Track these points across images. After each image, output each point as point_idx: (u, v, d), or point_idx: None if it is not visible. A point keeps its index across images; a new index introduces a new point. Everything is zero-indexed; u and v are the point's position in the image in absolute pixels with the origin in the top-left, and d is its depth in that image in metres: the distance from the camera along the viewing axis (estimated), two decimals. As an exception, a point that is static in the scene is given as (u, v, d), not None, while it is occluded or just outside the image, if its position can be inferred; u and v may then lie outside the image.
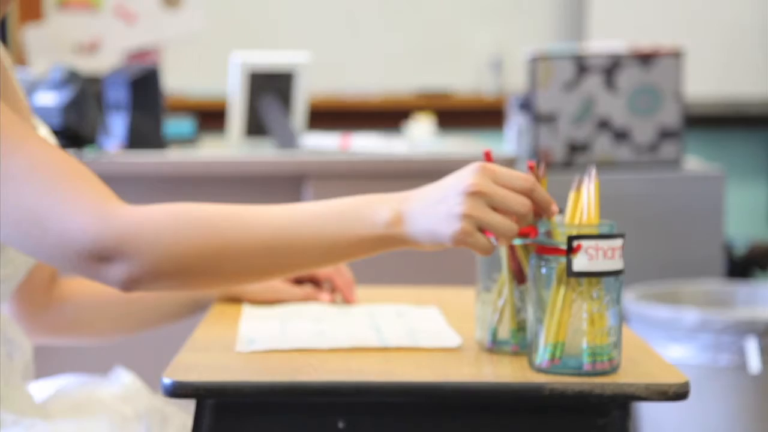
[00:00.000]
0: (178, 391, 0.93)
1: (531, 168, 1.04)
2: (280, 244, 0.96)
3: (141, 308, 1.29)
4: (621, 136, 2.43)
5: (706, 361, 2.01)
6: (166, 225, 0.96)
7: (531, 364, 0.98)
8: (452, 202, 0.93)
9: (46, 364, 1.30)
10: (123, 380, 1.28)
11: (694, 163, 2.59)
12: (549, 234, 0.97)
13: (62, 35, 2.69)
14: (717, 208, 2.38)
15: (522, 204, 0.94)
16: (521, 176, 0.94)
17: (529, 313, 0.99)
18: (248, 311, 1.22)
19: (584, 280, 0.95)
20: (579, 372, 0.95)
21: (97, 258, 0.95)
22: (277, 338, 1.08)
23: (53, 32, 2.69)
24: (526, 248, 1.04)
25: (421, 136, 2.68)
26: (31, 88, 2.10)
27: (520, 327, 1.04)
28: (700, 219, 2.38)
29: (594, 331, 0.95)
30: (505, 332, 1.05)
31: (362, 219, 0.96)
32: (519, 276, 1.05)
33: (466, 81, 3.58)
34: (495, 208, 0.94)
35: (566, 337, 0.96)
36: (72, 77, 2.11)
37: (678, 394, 0.91)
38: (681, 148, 2.46)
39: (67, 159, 0.99)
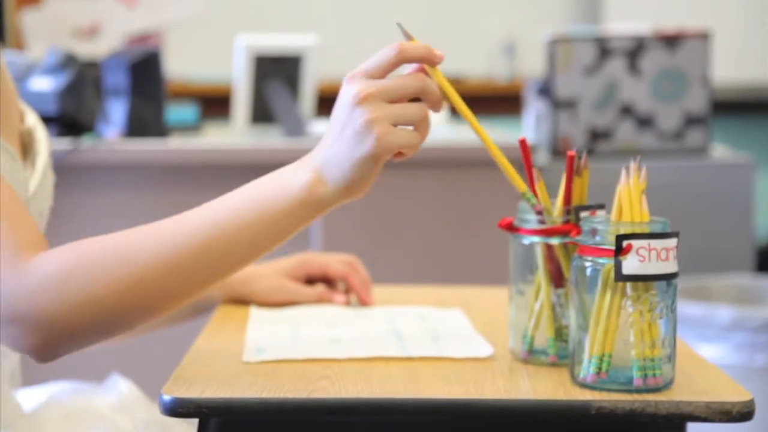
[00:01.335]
0: (178, 408, 0.83)
1: (571, 158, 0.93)
2: (202, 252, 0.86)
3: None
4: (645, 122, 2.32)
5: (740, 362, 1.91)
6: (70, 272, 0.86)
7: (573, 378, 0.88)
8: (352, 120, 0.85)
9: (35, 370, 1.21)
10: (120, 388, 1.18)
11: (721, 151, 2.48)
12: (594, 232, 0.87)
13: (61, 19, 2.60)
14: (746, 199, 2.27)
15: (413, 86, 0.87)
16: (386, 56, 0.87)
17: (571, 321, 0.88)
18: (256, 314, 1.12)
19: (634, 285, 0.85)
20: (628, 388, 0.85)
21: (8, 322, 0.85)
22: (288, 346, 0.98)
23: (51, 16, 2.60)
24: (565, 247, 0.94)
25: (433, 123, 2.57)
26: (26, 72, 2.01)
27: (559, 335, 0.94)
28: (729, 210, 2.27)
29: (645, 343, 0.85)
30: (541, 341, 0.94)
31: (279, 192, 0.87)
32: (557, 278, 0.94)
33: (477, 66, 3.47)
34: (392, 101, 0.86)
35: (613, 348, 0.86)
36: (69, 61, 2.02)
37: (742, 413, 0.81)
38: (708, 135, 2.35)
39: None
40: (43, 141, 1.11)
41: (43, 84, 1.99)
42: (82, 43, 2.50)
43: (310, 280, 1.21)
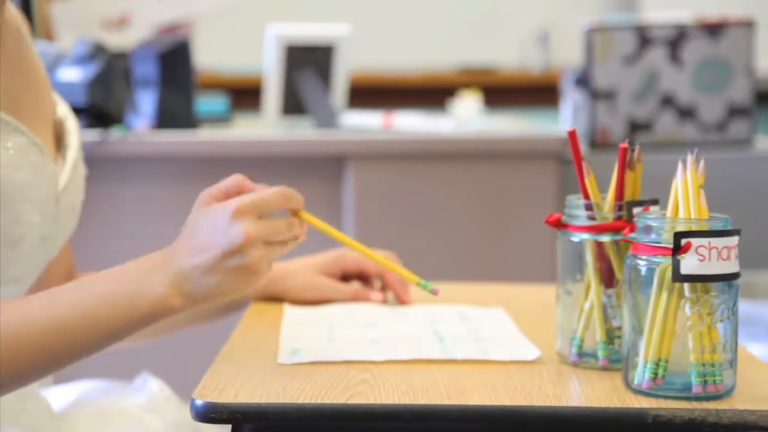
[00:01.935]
0: (211, 414, 0.79)
1: (623, 150, 0.88)
2: (50, 348, 0.87)
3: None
4: (686, 113, 2.26)
5: (789, 362, 1.84)
6: None
7: (627, 384, 0.83)
8: (235, 260, 0.87)
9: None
10: (150, 388, 1.14)
11: (765, 142, 2.41)
12: (650, 229, 0.82)
13: (90, 9, 2.58)
14: (791, 192, 2.20)
15: (290, 225, 0.91)
16: (276, 197, 0.90)
17: (625, 323, 0.84)
18: (290, 313, 1.08)
19: (693, 286, 0.80)
20: (687, 395, 0.80)
21: None
22: (324, 347, 0.94)
23: (81, 6, 2.58)
24: (616, 245, 0.89)
25: (467, 115, 2.53)
26: (55, 63, 1.98)
27: (610, 337, 0.89)
28: (773, 203, 2.21)
29: (704, 347, 0.80)
30: (591, 343, 0.90)
31: (132, 302, 0.88)
32: (607, 278, 0.90)
33: (510, 56, 3.42)
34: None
35: (670, 352, 0.81)
36: (98, 51, 1.99)
37: (811, 424, 0.76)
38: (752, 126, 2.28)
39: None
40: (74, 132, 1.07)
41: (72, 74, 1.96)
42: (111, 34, 2.48)
43: (345, 277, 1.17)
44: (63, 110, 1.09)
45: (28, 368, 0.88)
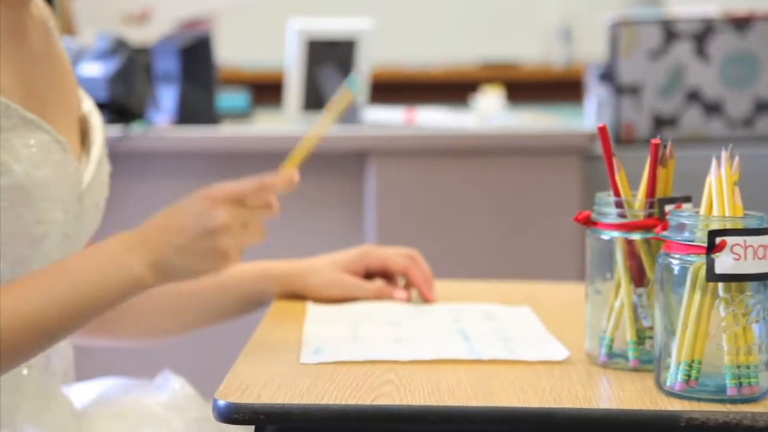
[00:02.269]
0: (234, 414, 0.78)
1: (655, 146, 0.86)
2: (38, 321, 0.91)
3: (191, 305, 1.14)
4: (712, 109, 2.23)
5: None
6: None
7: (659, 385, 0.81)
8: (207, 242, 0.92)
9: (86, 365, 1.17)
10: (172, 386, 1.13)
11: (793, 138, 2.38)
12: (683, 227, 0.80)
13: (111, 4, 2.57)
14: (820, 188, 2.17)
15: (266, 214, 0.95)
16: (254, 187, 0.94)
17: (656, 323, 0.82)
18: (313, 311, 1.06)
19: (727, 286, 0.78)
20: (721, 398, 0.78)
21: None
22: (347, 347, 0.92)
23: (102, 1, 2.57)
24: (647, 243, 0.87)
25: (489, 110, 2.50)
26: (76, 58, 1.97)
27: (640, 337, 0.87)
28: (802, 200, 2.17)
29: (739, 348, 0.78)
30: (621, 343, 0.88)
31: (111, 279, 0.93)
32: (638, 277, 0.88)
33: (533, 51, 3.39)
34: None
35: (704, 353, 0.79)
36: (119, 46, 1.98)
37: None
38: (779, 122, 2.25)
39: None
40: (98, 129, 1.06)
41: (93, 70, 1.95)
42: (132, 29, 2.47)
43: (369, 275, 1.15)
44: (88, 106, 1.08)
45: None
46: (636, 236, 0.87)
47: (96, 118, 1.07)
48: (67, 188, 0.97)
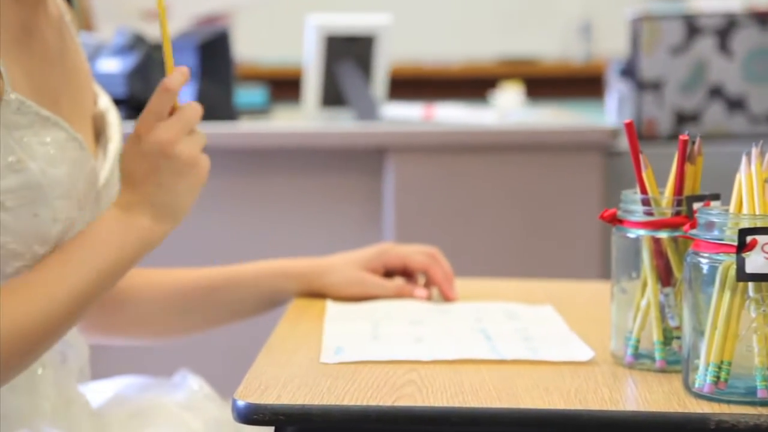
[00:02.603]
0: (253, 415, 0.76)
1: (684, 142, 0.84)
2: (68, 308, 0.91)
3: (209, 304, 1.13)
4: (735, 105, 2.20)
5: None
6: None
7: (687, 387, 0.79)
8: (171, 162, 0.94)
9: (102, 363, 1.16)
10: (189, 385, 1.12)
11: (817, 135, 2.35)
12: (712, 225, 0.78)
13: (130, 0, 2.56)
14: None
15: (193, 109, 0.98)
16: (157, 97, 0.96)
17: (685, 323, 0.80)
18: (333, 310, 1.05)
19: (758, 285, 0.76)
20: (751, 400, 0.76)
21: None
22: (368, 346, 0.91)
23: (120, -3, 2.57)
24: (674, 242, 0.85)
25: (509, 106, 2.49)
26: (94, 53, 1.96)
27: (667, 338, 0.85)
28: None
29: (770, 349, 0.76)
30: (647, 343, 0.86)
31: (123, 241, 0.94)
32: (665, 276, 0.86)
33: (551, 47, 3.37)
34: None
35: (733, 355, 0.77)
36: (137, 42, 1.97)
37: None
38: (803, 118, 2.22)
39: None
40: (116, 125, 1.05)
41: (111, 65, 1.95)
42: (150, 25, 2.46)
43: (388, 273, 1.14)
44: (104, 102, 1.07)
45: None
46: (663, 234, 0.85)
47: (113, 115, 1.06)
48: (83, 186, 0.96)
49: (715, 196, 0.85)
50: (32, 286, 0.91)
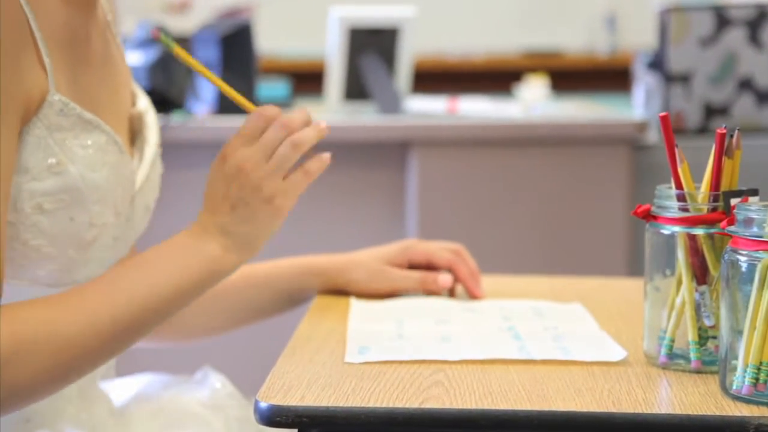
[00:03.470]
0: (276, 417, 0.74)
1: (721, 136, 0.82)
2: (126, 328, 0.89)
3: (231, 304, 1.11)
4: (765, 97, 2.16)
5: None
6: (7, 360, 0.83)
7: (724, 389, 0.76)
8: (246, 192, 0.92)
9: (124, 361, 1.14)
10: (212, 383, 1.10)
11: None
12: (751, 222, 0.75)
13: (151, -6, 2.56)
14: None
15: (279, 138, 0.95)
16: (249, 121, 0.95)
17: (722, 323, 0.77)
18: (357, 307, 1.03)
19: (800, 284, 0.73)
20: (792, 403, 0.73)
21: None
22: (393, 345, 0.89)
23: (142, -9, 2.56)
24: (711, 238, 0.82)
25: (534, 99, 2.46)
26: (115, 47, 1.95)
27: (703, 337, 0.83)
28: None
29: (811, 350, 0.73)
30: (681, 343, 0.83)
31: (193, 268, 0.91)
32: (700, 274, 0.83)
33: (577, 40, 3.33)
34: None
35: (773, 356, 0.74)
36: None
37: None
38: (835, 110, 2.18)
39: None
40: (153, 127, 1.03)
41: (133, 59, 1.93)
42: (172, 18, 2.45)
43: (412, 269, 1.11)
44: (143, 103, 1.04)
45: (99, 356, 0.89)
46: (699, 231, 0.82)
47: (151, 116, 1.04)
48: (120, 190, 0.94)
49: (754, 192, 0.82)
50: (81, 297, 0.88)
